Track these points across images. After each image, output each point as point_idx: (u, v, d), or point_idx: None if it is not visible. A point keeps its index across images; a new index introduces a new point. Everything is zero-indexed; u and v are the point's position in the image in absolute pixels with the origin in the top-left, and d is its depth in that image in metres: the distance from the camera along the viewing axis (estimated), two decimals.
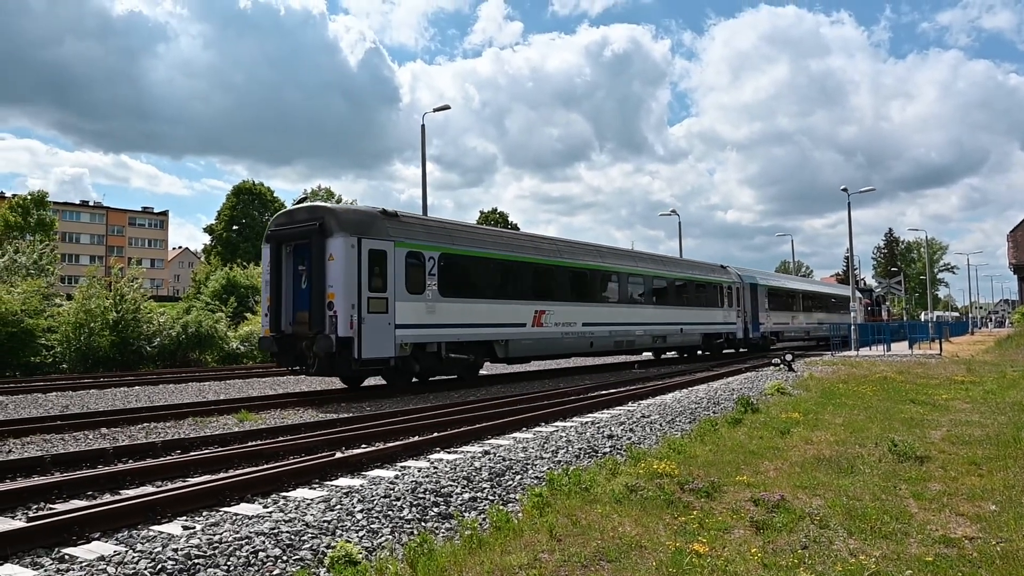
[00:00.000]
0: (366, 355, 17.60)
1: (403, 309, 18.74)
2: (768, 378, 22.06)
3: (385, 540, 6.41)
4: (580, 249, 27.93)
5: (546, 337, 24.15)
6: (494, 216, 77.55)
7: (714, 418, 13.35)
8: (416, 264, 19.40)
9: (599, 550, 5.93)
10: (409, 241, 19.31)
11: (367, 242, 18.03)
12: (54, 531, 6.34)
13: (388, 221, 19.11)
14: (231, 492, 7.82)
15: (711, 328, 35.75)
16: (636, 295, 30.31)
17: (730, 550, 5.95)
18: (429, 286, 19.65)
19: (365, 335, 17.61)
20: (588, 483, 8.09)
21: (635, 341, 29.57)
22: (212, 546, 5.92)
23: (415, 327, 19.15)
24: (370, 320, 17.76)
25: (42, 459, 9.55)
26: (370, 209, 19.44)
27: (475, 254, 21.78)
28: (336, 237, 17.78)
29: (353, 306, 17.45)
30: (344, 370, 18.27)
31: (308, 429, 12.75)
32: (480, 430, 12.21)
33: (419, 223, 20.55)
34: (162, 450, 10.71)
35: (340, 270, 17.55)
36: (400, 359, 18.77)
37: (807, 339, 49.28)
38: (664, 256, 36.49)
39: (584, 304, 26.44)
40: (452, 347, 20.61)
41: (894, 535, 6.36)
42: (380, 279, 18.25)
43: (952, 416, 13.82)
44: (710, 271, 37.53)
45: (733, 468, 9.07)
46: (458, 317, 20.63)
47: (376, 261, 18.24)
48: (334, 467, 9.19)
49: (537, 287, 24.24)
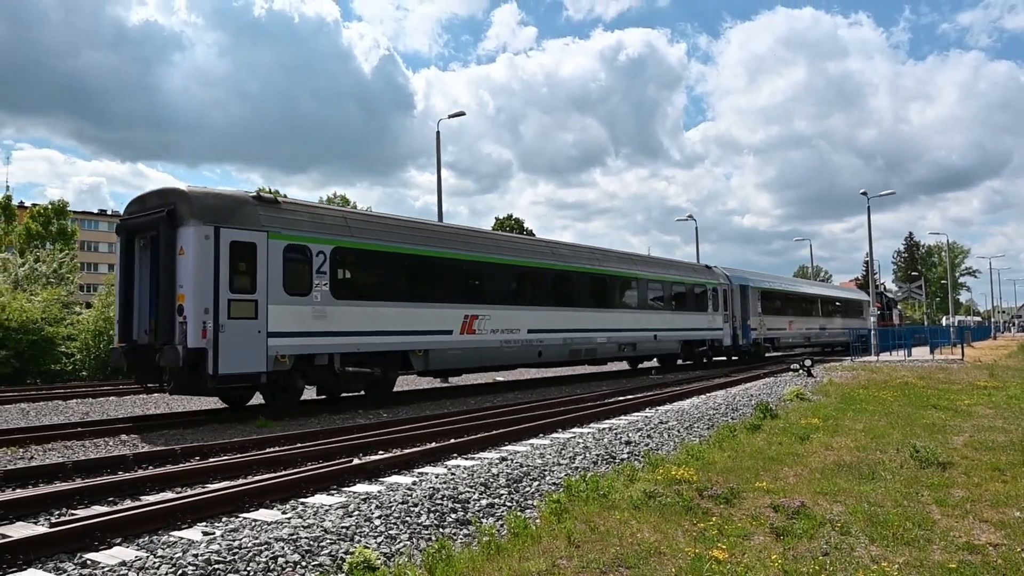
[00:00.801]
0: (225, 369, 14.72)
1: (280, 314, 15.81)
2: (787, 384, 21.94)
3: (403, 546, 6.40)
4: (528, 246, 25.26)
5: (480, 346, 21.05)
6: (509, 222, 77.38)
7: (733, 424, 13.28)
8: (300, 260, 16.46)
9: (618, 556, 5.90)
10: (290, 232, 16.31)
11: (229, 232, 15.13)
12: (76, 536, 6.39)
13: (262, 207, 16.22)
14: (250, 498, 7.85)
15: (692, 335, 32.60)
16: (599, 298, 27.07)
17: (750, 557, 5.91)
18: (318, 286, 16.70)
19: (224, 346, 14.74)
20: (606, 489, 8.06)
21: (597, 350, 26.47)
22: (232, 552, 5.94)
23: (297, 335, 16.17)
24: (231, 327, 14.93)
25: (64, 465, 9.63)
26: (239, 193, 16.54)
27: (382, 248, 18.57)
28: (188, 226, 14.90)
29: (207, 311, 14.63)
30: (198, 388, 15.21)
31: (326, 436, 12.77)
32: (497, 436, 12.22)
33: (306, 211, 17.58)
34: (181, 456, 10.78)
35: (191, 267, 14.75)
36: (277, 374, 15.94)
37: (807, 346, 46.17)
38: (635, 254, 32.56)
39: (531, 308, 23.27)
40: (350, 359, 17.56)
41: (917, 542, 6.30)
42: (247, 278, 15.37)
43: (975, 422, 13.69)
44: (692, 271, 34.57)
45: (752, 474, 9.01)
46: (358, 323, 17.59)
47: (241, 256, 15.37)
48: (352, 473, 9.21)
49: (469, 288, 21.28)
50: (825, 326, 47.78)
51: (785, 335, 41.45)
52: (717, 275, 35.88)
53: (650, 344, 29.76)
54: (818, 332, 46.49)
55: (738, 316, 36.27)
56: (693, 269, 35.14)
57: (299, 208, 17.52)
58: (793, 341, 43.03)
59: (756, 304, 37.71)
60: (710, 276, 35.25)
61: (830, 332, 48.32)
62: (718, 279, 35.51)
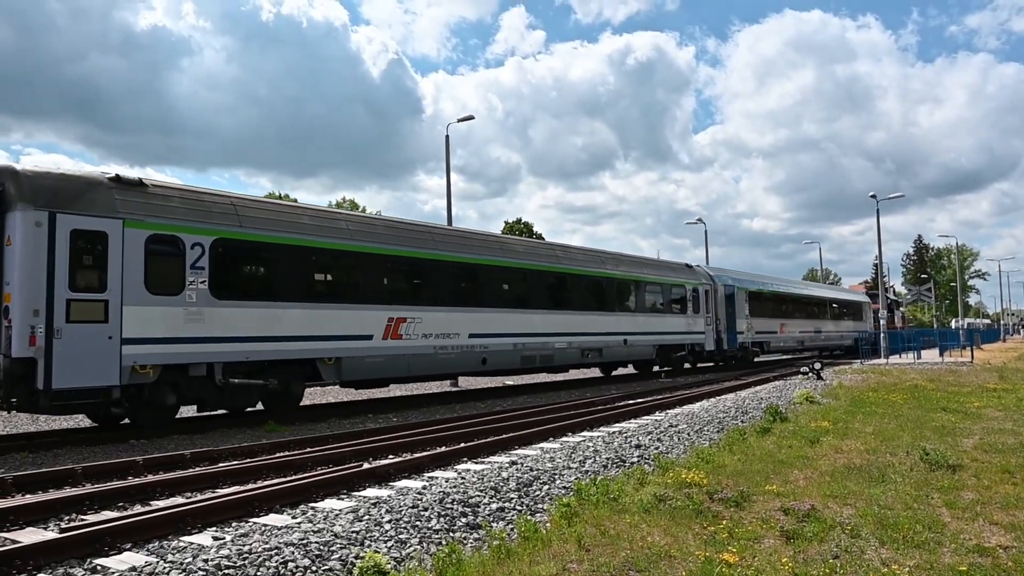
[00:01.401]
0: (61, 384, 12.27)
1: (139, 317, 13.42)
2: (796, 387, 21.91)
3: (413, 550, 6.41)
4: (476, 241, 22.54)
5: (408, 353, 18.66)
6: (519, 226, 77.13)
7: (742, 427, 13.26)
8: (168, 253, 14.06)
9: (628, 560, 5.90)
10: (155, 220, 13.88)
11: (69, 219, 12.72)
12: (86, 542, 6.40)
13: (119, 190, 13.66)
14: (260, 503, 7.86)
15: (668, 339, 30.18)
16: (557, 299, 24.59)
17: (760, 560, 5.90)
18: (193, 284, 14.26)
19: (60, 355, 12.33)
20: (616, 493, 8.06)
21: (554, 356, 23.95)
22: (242, 556, 5.96)
23: (164, 342, 13.80)
24: (70, 333, 12.50)
25: (73, 471, 9.66)
26: (89, 173, 13.97)
27: (280, 241, 15.93)
28: (15, 211, 12.54)
29: (38, 312, 12.27)
30: (31, 405, 12.79)
31: (335, 440, 12.79)
32: (507, 440, 12.21)
33: (180, 195, 14.80)
34: (191, 462, 10.80)
35: (18, 259, 12.46)
36: (138, 387, 13.66)
37: (801, 350, 43.53)
38: (605, 252, 29.37)
39: (473, 310, 20.91)
40: (239, 369, 15.14)
41: (927, 544, 6.29)
42: (94, 273, 13.01)
43: (984, 424, 13.66)
44: (669, 271, 32.09)
45: (762, 477, 9.01)
46: (247, 328, 15.12)
47: (87, 247, 13.06)
48: (362, 478, 9.22)
49: (394, 288, 18.85)
50: (821, 329, 45.24)
51: (776, 338, 39.01)
52: (699, 275, 33.76)
53: (620, 349, 27.45)
54: (813, 335, 43.89)
55: (723, 319, 34.05)
56: (671, 268, 32.69)
57: (171, 192, 14.81)
58: (785, 345, 40.66)
59: (743, 306, 35.45)
60: (690, 276, 33.01)
61: (827, 335, 46.04)
62: (699, 279, 33.31)
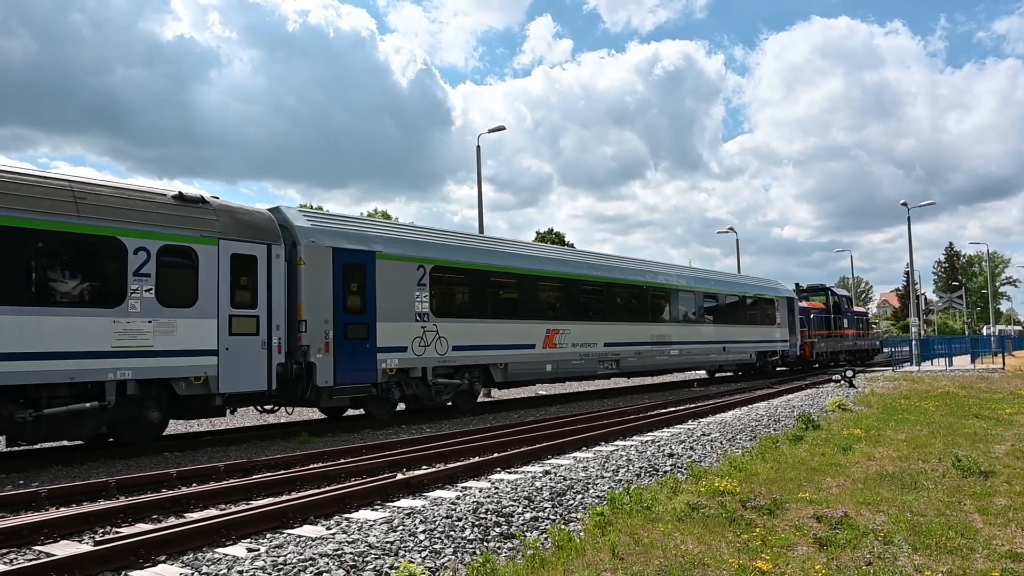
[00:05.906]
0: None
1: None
2: (829, 395, 21.77)
3: (448, 560, 6.44)
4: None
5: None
6: (550, 236, 76.85)
7: (775, 435, 13.21)
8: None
9: (662, 568, 5.91)
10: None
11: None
12: (120, 554, 6.44)
13: None
14: (294, 514, 7.91)
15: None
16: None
17: (793, 567, 5.89)
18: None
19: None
20: (649, 501, 8.06)
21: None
22: (277, 568, 6.01)
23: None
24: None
25: (107, 484, 9.76)
26: None
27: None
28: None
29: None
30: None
31: (369, 451, 12.84)
32: (540, 450, 12.23)
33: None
34: (225, 473, 10.89)
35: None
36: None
37: None
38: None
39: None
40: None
41: (960, 551, 6.25)
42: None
43: (1016, 430, 13.52)
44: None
45: (795, 485, 8.98)
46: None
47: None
48: (396, 488, 9.25)
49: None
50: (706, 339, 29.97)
51: None
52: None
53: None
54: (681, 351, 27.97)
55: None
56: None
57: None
58: None
59: None
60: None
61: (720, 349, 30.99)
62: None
